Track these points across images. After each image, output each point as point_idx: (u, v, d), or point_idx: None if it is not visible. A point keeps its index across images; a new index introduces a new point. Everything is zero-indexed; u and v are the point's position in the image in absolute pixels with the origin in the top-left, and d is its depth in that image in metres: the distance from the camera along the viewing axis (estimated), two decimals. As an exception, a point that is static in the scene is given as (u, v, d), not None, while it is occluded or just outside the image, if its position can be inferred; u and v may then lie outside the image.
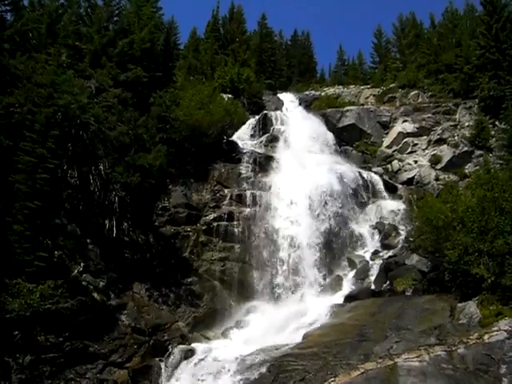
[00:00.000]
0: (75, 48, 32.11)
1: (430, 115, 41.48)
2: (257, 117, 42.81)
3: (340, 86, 56.98)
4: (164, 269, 27.34)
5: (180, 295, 26.67)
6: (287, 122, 41.66)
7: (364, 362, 16.65)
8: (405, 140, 40.33)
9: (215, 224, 30.09)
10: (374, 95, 50.73)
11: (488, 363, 15.70)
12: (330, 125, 42.19)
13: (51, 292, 19.85)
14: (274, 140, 38.92)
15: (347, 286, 27.15)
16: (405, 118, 42.05)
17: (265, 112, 43.82)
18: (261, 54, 61.61)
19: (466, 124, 39.72)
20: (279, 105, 50.02)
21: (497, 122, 38.06)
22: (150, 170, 27.07)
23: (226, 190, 32.30)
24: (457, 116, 41.03)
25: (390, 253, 28.53)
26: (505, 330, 16.53)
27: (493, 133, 37.74)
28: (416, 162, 38.29)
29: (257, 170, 33.97)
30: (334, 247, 29.57)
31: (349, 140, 41.62)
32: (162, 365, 21.47)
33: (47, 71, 24.76)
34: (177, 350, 22.14)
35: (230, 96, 44.77)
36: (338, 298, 25.85)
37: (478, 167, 33.53)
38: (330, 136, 40.53)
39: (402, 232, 30.15)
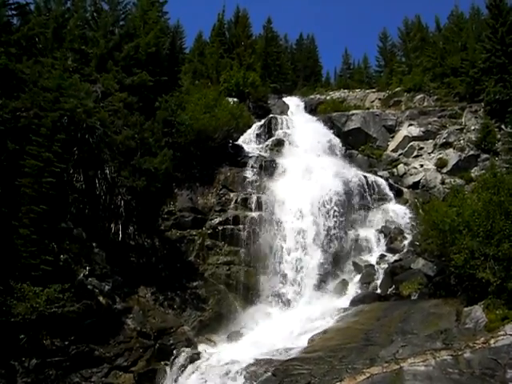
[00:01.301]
0: (81, 52, 32.13)
1: (435, 119, 41.45)
2: (262, 121, 42.83)
3: (345, 90, 57.03)
4: (169, 273, 27.36)
5: (185, 299, 26.65)
6: (292, 126, 41.67)
7: (370, 366, 16.63)
8: (410, 144, 40.28)
9: (221, 228, 30.15)
10: (379, 99, 50.74)
11: (494, 368, 15.66)
12: (336, 129, 42.16)
13: (57, 296, 19.87)
14: (279, 144, 38.95)
15: (353, 290, 27.17)
16: (410, 121, 42.01)
17: (270, 116, 43.88)
18: (266, 57, 61.66)
19: (472, 128, 39.67)
20: (284, 109, 50.09)
21: (503, 126, 37.99)
22: (155, 173, 27.07)
23: (231, 194, 32.34)
24: (463, 120, 41.00)
25: (396, 257, 28.49)
26: (511, 335, 16.48)
27: (499, 136, 37.68)
28: (422, 165, 38.23)
29: (262, 173, 33.94)
30: (340, 251, 29.55)
31: (354, 144, 41.56)
32: (168, 369, 21.47)
33: (53, 75, 24.84)
34: (182, 354, 22.10)
35: (235, 100, 44.82)
36: (344, 302, 25.86)
37: (483, 171, 33.36)
38: (336, 140, 40.46)
39: (407, 236, 30.11)
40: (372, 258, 29.31)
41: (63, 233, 22.98)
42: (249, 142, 40.07)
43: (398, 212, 32.66)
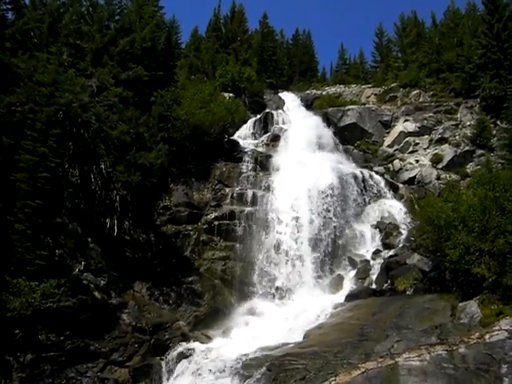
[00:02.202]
0: (76, 47, 32.03)
1: (431, 114, 41.49)
2: (258, 116, 42.87)
3: (341, 85, 57.06)
4: (165, 268, 27.35)
5: (181, 294, 26.66)
6: (288, 121, 41.70)
7: (365, 361, 16.63)
8: (406, 139, 40.31)
9: (216, 223, 30.15)
10: (375, 94, 50.79)
11: (489, 363, 15.67)
12: (332, 124, 42.16)
13: (52, 291, 19.86)
14: (275, 139, 38.94)
15: (348, 286, 27.18)
16: (406, 117, 42.03)
17: (266, 111, 43.91)
18: (262, 53, 61.60)
19: (468, 123, 39.71)
20: (280, 104, 50.05)
21: (498, 122, 38.04)
22: (151, 168, 27.03)
23: (227, 189, 32.34)
24: (458, 115, 41.03)
25: (391, 252, 28.49)
26: (506, 330, 16.50)
27: (494, 132, 37.75)
28: (417, 161, 38.27)
29: (258, 169, 33.99)
30: (335, 246, 29.55)
31: (350, 139, 41.59)
32: (163, 364, 21.49)
33: (48, 70, 24.73)
34: (177, 349, 22.16)
35: (231, 95, 44.84)
36: (339, 297, 25.88)
37: (479, 166, 33.53)
38: (331, 135, 40.43)
39: (403, 231, 30.12)
40: (367, 254, 29.32)
41: (58, 228, 22.94)
42: (244, 137, 40.09)
43: (393, 207, 32.68)
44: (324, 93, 53.56)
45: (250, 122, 41.93)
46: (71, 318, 20.56)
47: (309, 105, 49.63)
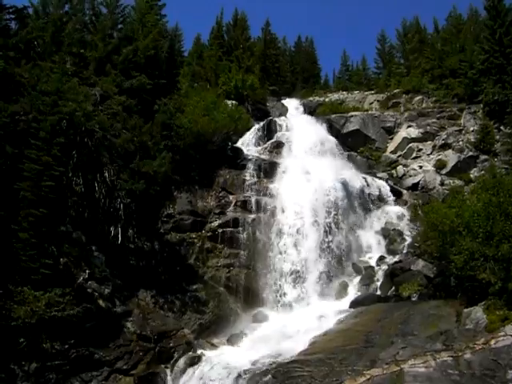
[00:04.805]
0: (80, 56, 32.10)
1: (434, 120, 41.51)
2: (261, 123, 42.79)
3: (344, 92, 57.14)
4: (169, 276, 27.30)
5: (185, 302, 26.62)
6: (292, 128, 41.64)
7: (370, 368, 16.61)
8: (409, 145, 40.32)
9: (220, 230, 30.07)
10: (378, 101, 50.78)
11: (495, 368, 15.65)
12: (335, 130, 42.19)
13: (57, 299, 19.88)
14: (278, 146, 38.88)
15: (353, 292, 27.17)
16: (409, 123, 42.06)
17: (269, 118, 43.88)
18: (265, 60, 61.73)
19: (471, 129, 39.72)
20: (283, 111, 50.15)
21: (502, 127, 38.10)
22: (154, 176, 27.07)
23: (230, 197, 32.28)
24: (461, 121, 41.06)
25: (396, 258, 28.50)
26: (511, 335, 16.47)
27: (498, 137, 37.77)
28: (421, 167, 38.28)
29: (261, 176, 33.92)
30: (340, 253, 29.51)
31: (353, 146, 41.61)
32: (168, 372, 21.47)
33: (52, 79, 24.82)
34: (182, 357, 22.10)
35: (234, 102, 44.77)
36: (344, 304, 25.84)
37: (483, 172, 33.53)
38: (335, 142, 40.43)
39: (407, 237, 30.13)
40: (372, 260, 29.35)
41: (63, 236, 22.93)
42: (248, 144, 40.01)
43: (397, 213, 32.69)
44: (327, 99, 53.61)
45: (254, 129, 41.88)
46: (76, 326, 20.55)
47: (312, 111, 49.71)
